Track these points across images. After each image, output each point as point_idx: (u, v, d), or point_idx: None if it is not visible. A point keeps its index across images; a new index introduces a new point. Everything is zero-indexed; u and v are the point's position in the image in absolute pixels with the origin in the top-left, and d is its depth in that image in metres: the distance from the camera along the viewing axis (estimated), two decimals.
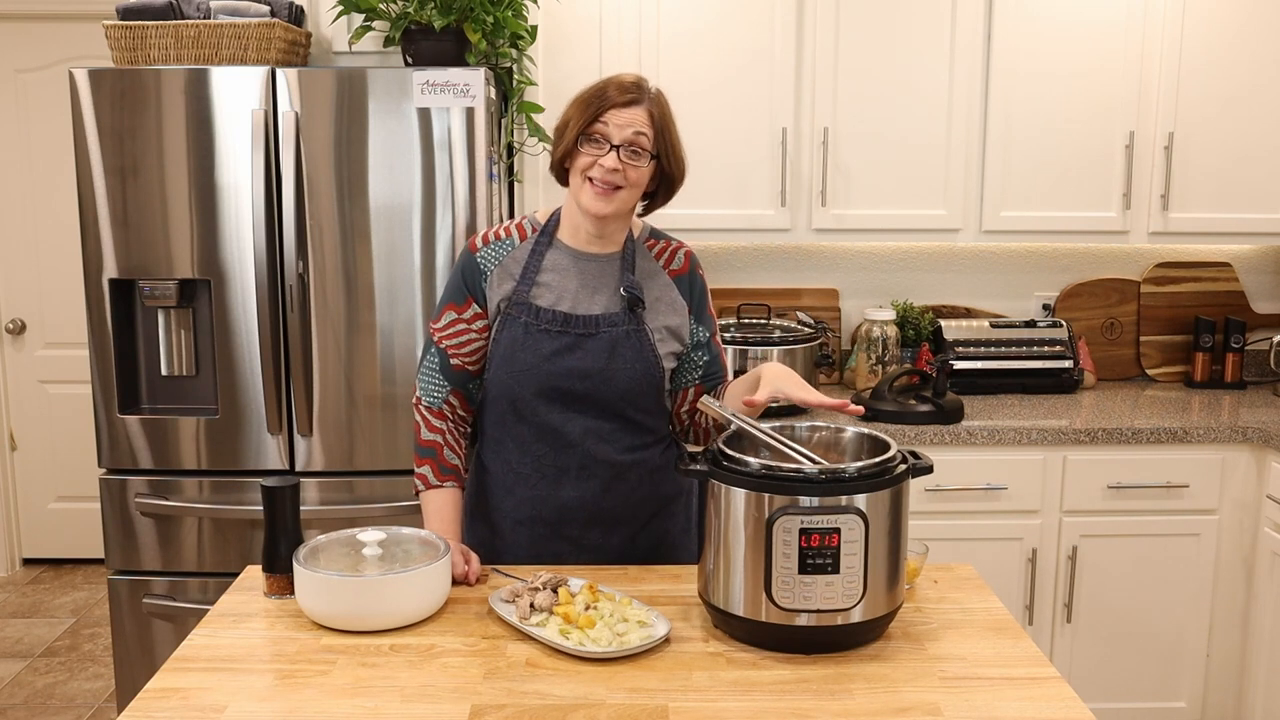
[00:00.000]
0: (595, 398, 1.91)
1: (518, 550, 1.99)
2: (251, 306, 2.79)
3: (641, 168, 1.85)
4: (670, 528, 2.05)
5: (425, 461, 1.97)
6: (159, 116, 2.73)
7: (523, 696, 1.48)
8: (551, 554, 1.98)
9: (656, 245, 2.00)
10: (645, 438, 1.98)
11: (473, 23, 2.77)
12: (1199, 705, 3.14)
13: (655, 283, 1.96)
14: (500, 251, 1.95)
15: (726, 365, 2.05)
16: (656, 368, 1.93)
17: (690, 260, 2.02)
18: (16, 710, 3.46)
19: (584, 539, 1.97)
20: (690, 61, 3.19)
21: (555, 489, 1.95)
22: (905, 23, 3.18)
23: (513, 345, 1.90)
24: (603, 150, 1.82)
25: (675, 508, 2.05)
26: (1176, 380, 3.64)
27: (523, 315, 1.91)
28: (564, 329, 1.89)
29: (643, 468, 1.97)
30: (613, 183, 1.83)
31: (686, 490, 2.08)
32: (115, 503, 2.87)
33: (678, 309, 1.97)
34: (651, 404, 1.96)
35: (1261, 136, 3.26)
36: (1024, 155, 3.25)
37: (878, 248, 3.61)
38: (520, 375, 1.90)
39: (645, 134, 1.83)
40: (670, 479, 2.03)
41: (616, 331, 1.90)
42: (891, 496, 1.59)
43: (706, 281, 2.04)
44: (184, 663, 1.58)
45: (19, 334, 4.59)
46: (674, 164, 1.90)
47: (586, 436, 1.92)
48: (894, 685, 1.52)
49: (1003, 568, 3.06)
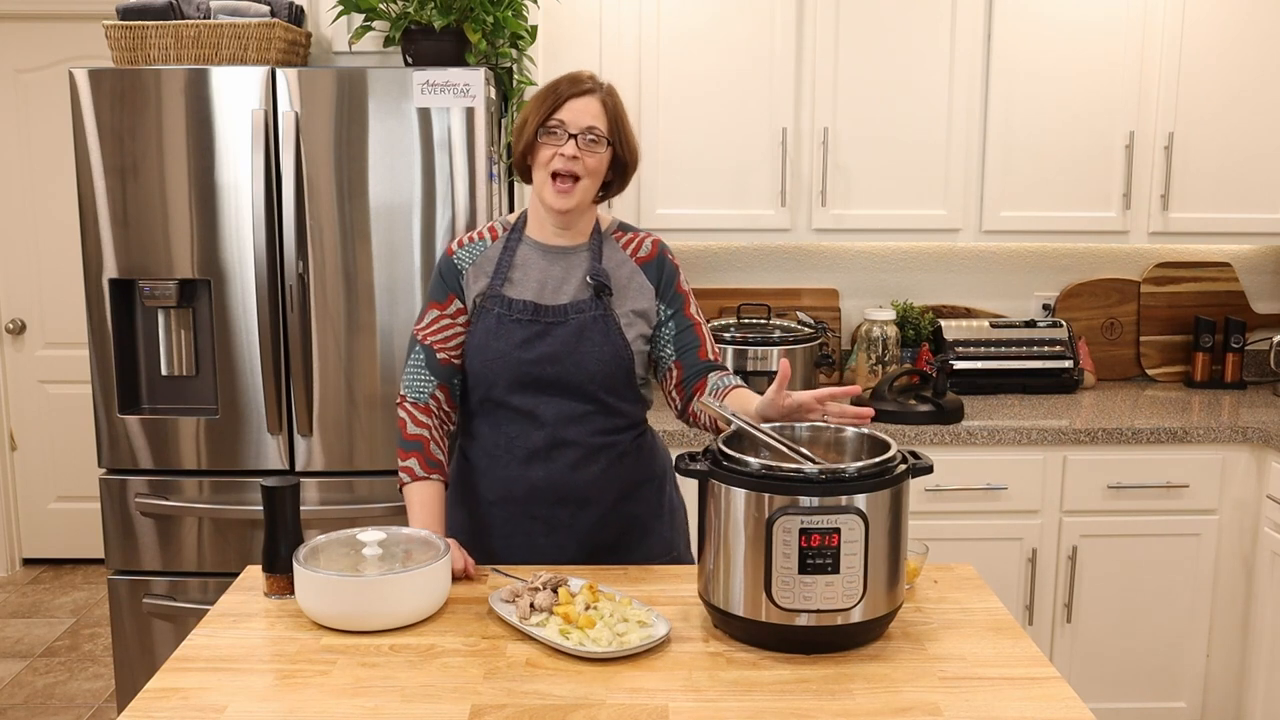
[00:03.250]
0: (565, 381, 1.97)
1: (490, 531, 2.05)
2: (251, 306, 2.79)
3: (599, 154, 1.94)
4: (641, 511, 2.08)
5: (411, 455, 2.00)
6: (159, 116, 2.74)
7: (523, 696, 1.48)
8: (522, 533, 2.03)
9: (624, 236, 2.08)
10: (617, 422, 2.02)
11: (473, 23, 2.77)
12: (1199, 705, 3.14)
13: (622, 270, 2.03)
14: (474, 252, 2.04)
15: (704, 338, 2.07)
16: (625, 350, 1.99)
17: (658, 246, 2.09)
18: (16, 710, 3.46)
19: (553, 518, 2.01)
20: (690, 61, 3.19)
21: (525, 469, 2.00)
22: (905, 23, 3.18)
23: (486, 335, 1.98)
24: (561, 141, 1.91)
25: (645, 492, 2.09)
26: (1176, 380, 3.64)
27: (496, 307, 1.99)
28: (535, 318, 1.97)
29: (613, 451, 2.02)
30: (572, 171, 1.91)
31: (659, 475, 2.12)
32: (115, 503, 2.87)
33: (645, 293, 2.04)
34: (623, 388, 2.01)
35: (1261, 136, 3.26)
36: (1024, 155, 3.25)
37: (878, 248, 3.61)
38: (492, 363, 1.97)
39: (599, 123, 1.93)
40: (641, 464, 2.08)
41: (584, 317, 1.97)
42: (891, 496, 1.59)
43: (679, 268, 2.09)
44: (184, 663, 1.58)
45: (19, 334, 4.59)
46: (628, 151, 1.99)
47: (558, 419, 1.98)
48: (894, 685, 1.52)
49: (1003, 568, 3.06)
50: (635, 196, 3.23)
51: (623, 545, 2.07)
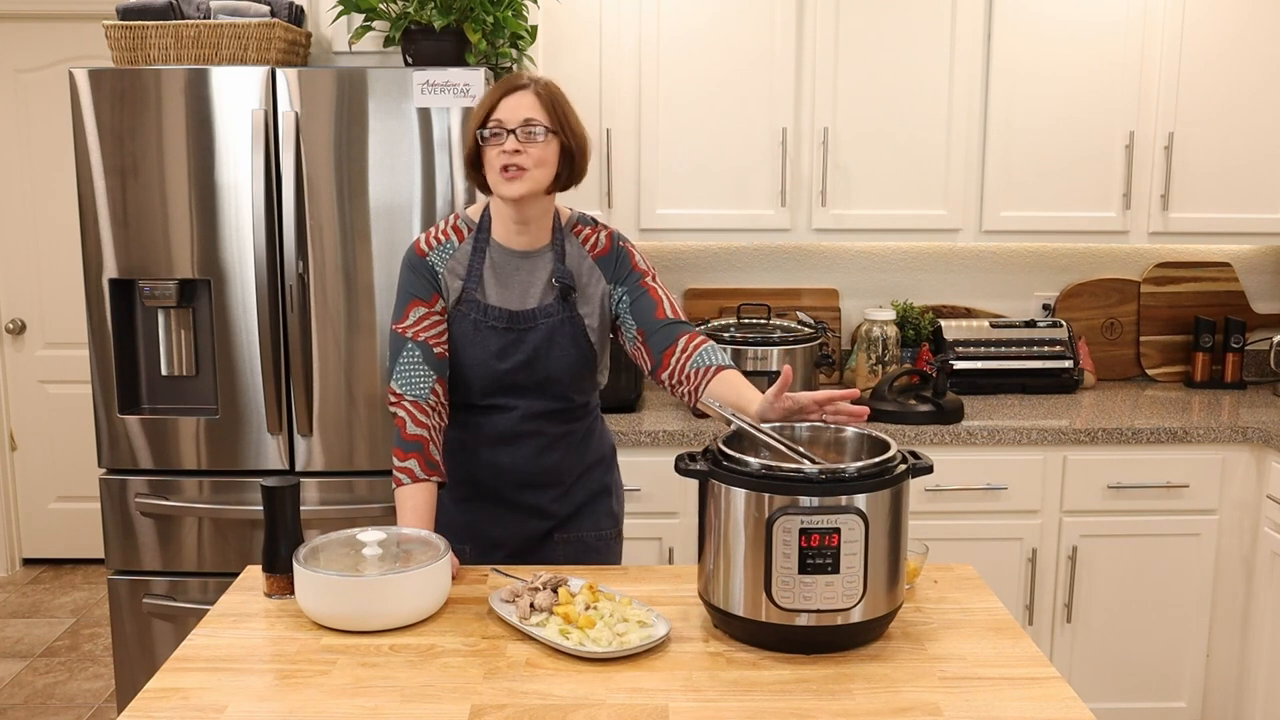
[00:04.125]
0: (535, 382, 2.06)
1: (455, 513, 2.15)
2: (251, 306, 2.79)
3: (540, 143, 1.95)
4: (595, 488, 2.20)
5: (411, 456, 1.99)
6: (159, 116, 2.74)
7: (523, 696, 1.49)
8: (487, 515, 2.14)
9: (583, 231, 2.11)
10: (577, 412, 2.14)
11: (473, 23, 2.77)
12: (1199, 705, 3.14)
13: (582, 267, 2.08)
14: (444, 254, 2.08)
15: (660, 298, 2.08)
16: (589, 352, 2.08)
17: (611, 239, 2.12)
18: (16, 710, 3.46)
19: (518, 499, 2.13)
20: (690, 61, 3.19)
21: (494, 455, 2.10)
22: (905, 23, 3.18)
23: (462, 339, 2.05)
24: (502, 139, 1.95)
25: (597, 471, 2.20)
26: (1176, 380, 3.64)
27: (471, 313, 2.04)
28: (509, 325, 2.03)
29: (572, 438, 2.13)
30: (517, 164, 1.94)
31: (608, 455, 2.24)
32: (115, 503, 2.87)
33: (601, 288, 2.09)
34: (585, 384, 2.12)
35: (1261, 136, 3.26)
36: (1024, 155, 3.25)
37: (878, 248, 3.61)
38: (468, 369, 2.05)
39: (536, 115, 1.95)
40: (593, 446, 2.18)
41: (552, 321, 2.04)
42: (891, 496, 1.59)
43: (633, 250, 2.12)
44: (184, 663, 1.59)
45: (19, 334, 4.59)
46: (574, 140, 2.00)
47: (527, 413, 2.08)
48: (894, 685, 1.52)
49: (1003, 568, 3.06)
50: (635, 197, 3.23)
51: (577, 519, 2.18)
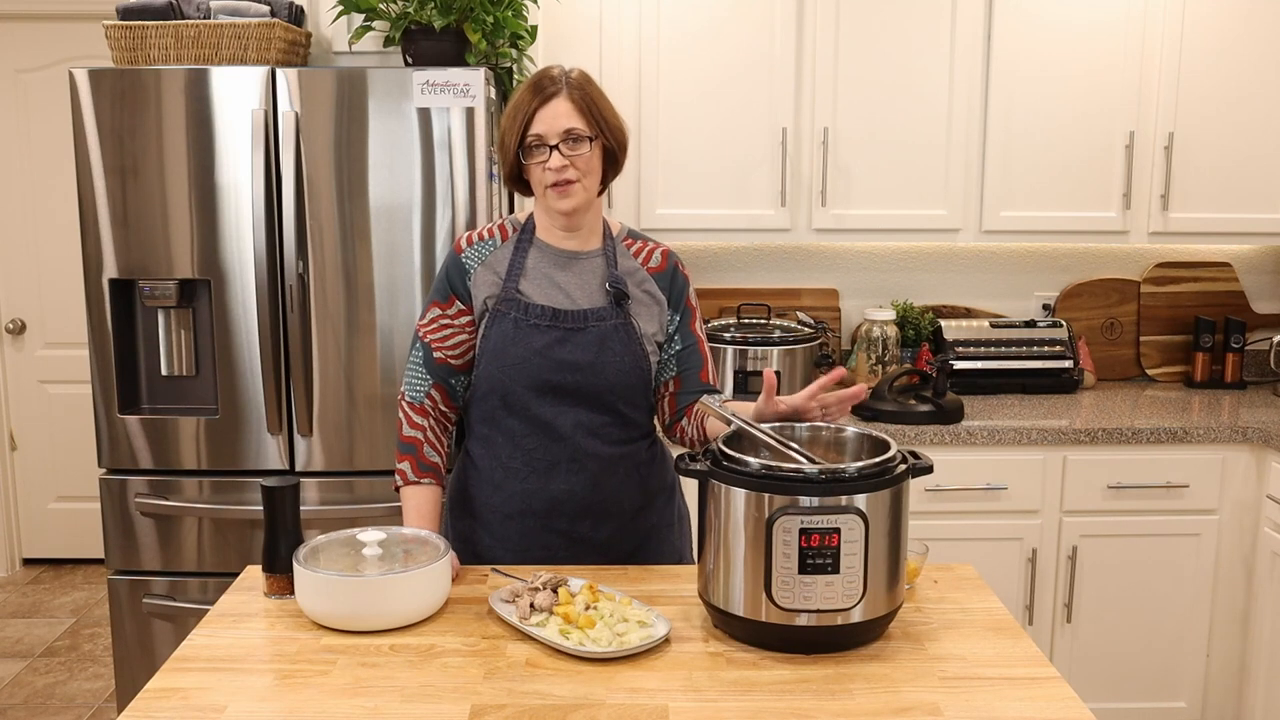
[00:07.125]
0: (585, 390, 1.93)
1: (506, 544, 2.01)
2: (251, 306, 2.79)
3: (585, 153, 1.88)
4: (657, 521, 2.07)
5: (405, 458, 1.99)
6: (159, 116, 2.74)
7: (523, 696, 1.48)
8: (541, 546, 1.99)
9: (634, 244, 2.05)
10: (632, 432, 2.00)
11: (473, 23, 2.77)
12: (1199, 705, 3.14)
13: (634, 279, 2.00)
14: (484, 251, 2.00)
15: (706, 358, 2.06)
16: (644, 360, 1.97)
17: (668, 257, 2.06)
18: (16, 710, 3.46)
19: (574, 531, 1.99)
20: (691, 62, 3.19)
21: (546, 482, 1.96)
22: (905, 23, 3.18)
23: (503, 340, 1.93)
24: (545, 155, 1.87)
25: (660, 501, 2.08)
26: (1176, 380, 3.64)
27: (512, 311, 1.94)
28: (553, 323, 1.93)
29: (630, 461, 2.00)
30: (566, 178, 1.88)
31: (670, 484, 2.11)
32: (115, 503, 2.87)
33: (657, 303, 2.01)
34: (639, 398, 1.99)
35: (1261, 136, 3.26)
36: (1024, 155, 3.25)
37: (878, 248, 3.61)
38: (511, 369, 1.93)
39: (575, 124, 1.87)
40: (655, 473, 2.06)
41: (605, 326, 1.94)
42: (891, 496, 1.59)
43: (689, 280, 2.08)
44: (184, 663, 1.58)
45: (19, 334, 4.59)
46: (613, 137, 1.93)
47: (577, 430, 1.95)
48: (894, 685, 1.52)
49: (1003, 568, 3.06)
50: (635, 196, 3.23)
51: (639, 555, 2.05)
